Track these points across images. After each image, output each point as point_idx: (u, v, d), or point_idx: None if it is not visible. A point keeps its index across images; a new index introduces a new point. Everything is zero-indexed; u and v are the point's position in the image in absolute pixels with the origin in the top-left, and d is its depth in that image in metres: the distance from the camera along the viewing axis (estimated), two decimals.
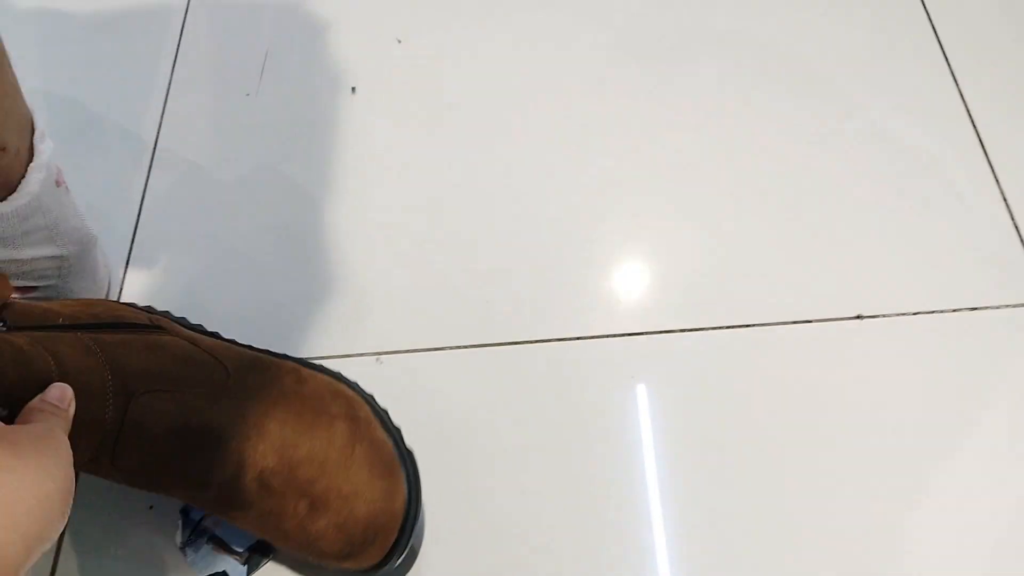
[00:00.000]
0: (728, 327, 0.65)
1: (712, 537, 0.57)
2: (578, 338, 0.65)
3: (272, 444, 0.50)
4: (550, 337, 0.65)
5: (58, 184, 0.58)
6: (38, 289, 0.60)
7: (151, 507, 0.58)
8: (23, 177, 0.54)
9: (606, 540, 0.57)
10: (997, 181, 0.71)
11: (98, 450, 0.46)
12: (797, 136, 0.75)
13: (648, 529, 0.57)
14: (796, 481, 0.58)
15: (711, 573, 0.56)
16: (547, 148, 0.75)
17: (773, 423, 0.61)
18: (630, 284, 0.68)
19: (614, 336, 0.65)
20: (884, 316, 0.65)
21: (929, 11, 0.82)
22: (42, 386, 0.42)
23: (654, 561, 0.56)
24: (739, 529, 0.57)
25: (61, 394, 0.41)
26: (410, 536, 0.52)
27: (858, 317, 0.65)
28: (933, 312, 0.65)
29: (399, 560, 0.52)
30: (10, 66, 0.52)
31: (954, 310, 0.65)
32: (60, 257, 0.60)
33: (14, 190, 0.54)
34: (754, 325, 0.65)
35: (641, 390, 0.62)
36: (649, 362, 0.64)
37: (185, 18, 0.86)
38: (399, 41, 0.83)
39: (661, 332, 0.65)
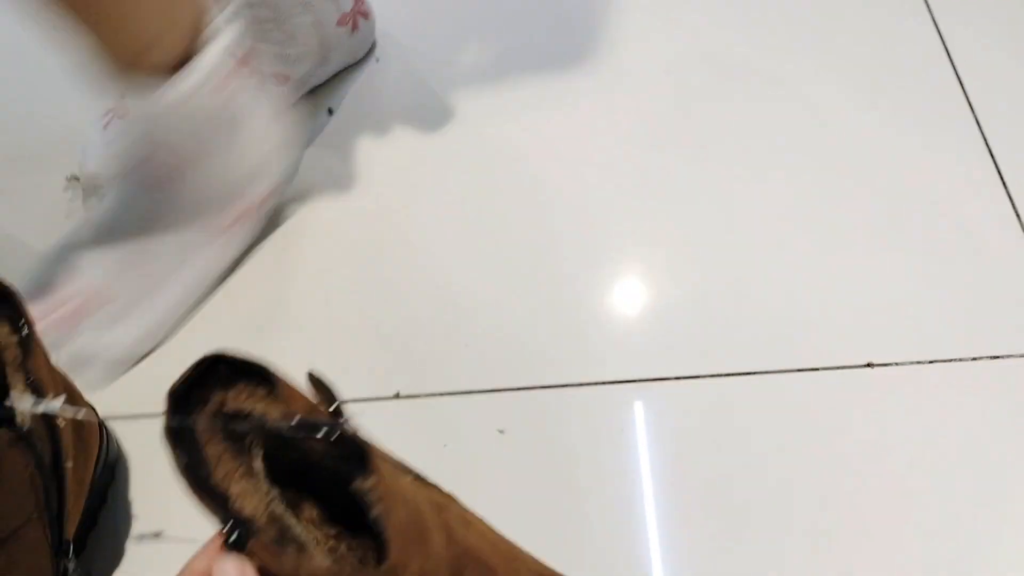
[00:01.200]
0: (730, 374, 0.61)
1: None
2: (578, 384, 0.61)
3: None
4: (549, 383, 0.61)
5: None
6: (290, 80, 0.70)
7: None
8: None
9: None
10: (1020, 223, 0.67)
11: None
12: (804, 177, 0.71)
13: None
14: (799, 537, 0.54)
15: None
16: (546, 179, 0.71)
17: (776, 476, 0.57)
18: (631, 330, 0.63)
19: (614, 383, 0.61)
20: (897, 364, 0.61)
21: (946, 42, 0.78)
22: None
23: None
24: None
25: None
26: None
27: (868, 365, 0.61)
28: (951, 360, 0.61)
29: None
30: None
31: (974, 358, 0.61)
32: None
33: None
34: (757, 373, 0.61)
35: (641, 439, 0.58)
36: (649, 410, 0.60)
37: None
38: (377, 60, 0.78)
39: (661, 379, 0.61)
